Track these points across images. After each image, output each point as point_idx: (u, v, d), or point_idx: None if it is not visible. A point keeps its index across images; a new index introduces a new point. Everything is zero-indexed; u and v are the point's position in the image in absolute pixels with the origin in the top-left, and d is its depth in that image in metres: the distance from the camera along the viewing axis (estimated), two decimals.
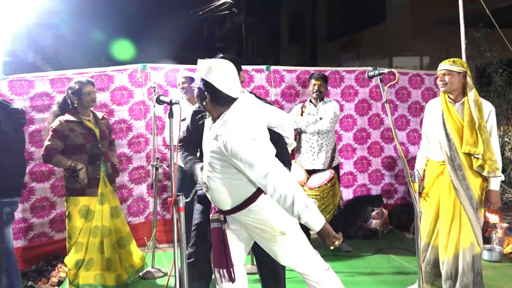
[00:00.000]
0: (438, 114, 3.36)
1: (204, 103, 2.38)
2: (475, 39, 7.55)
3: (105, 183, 3.61)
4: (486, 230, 4.80)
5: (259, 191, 2.39)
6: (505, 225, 4.80)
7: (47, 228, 4.36)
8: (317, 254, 2.56)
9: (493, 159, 3.18)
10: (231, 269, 2.47)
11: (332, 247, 2.26)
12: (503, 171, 7.03)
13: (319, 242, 2.24)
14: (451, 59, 3.28)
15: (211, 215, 2.54)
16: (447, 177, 3.30)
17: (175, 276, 2.36)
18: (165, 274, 4.05)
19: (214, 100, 2.34)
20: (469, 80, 3.22)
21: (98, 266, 3.55)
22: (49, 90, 4.30)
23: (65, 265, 4.09)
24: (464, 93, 3.26)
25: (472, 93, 3.22)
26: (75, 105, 3.57)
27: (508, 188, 6.49)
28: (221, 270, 2.47)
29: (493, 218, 4.86)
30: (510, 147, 7.38)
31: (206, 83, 2.33)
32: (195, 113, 2.81)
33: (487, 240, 4.67)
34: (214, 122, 2.40)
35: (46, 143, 3.43)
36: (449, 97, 3.31)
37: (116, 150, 4.11)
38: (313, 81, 4.47)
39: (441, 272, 3.37)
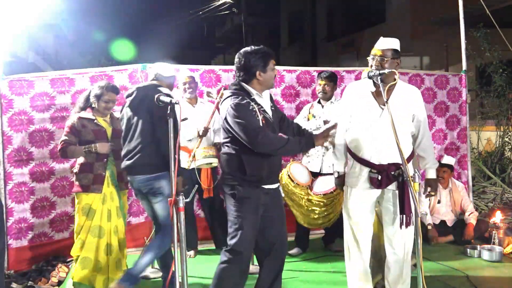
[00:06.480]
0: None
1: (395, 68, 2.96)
2: (475, 39, 7.56)
3: (108, 184, 3.61)
4: (486, 230, 4.80)
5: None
6: (505, 225, 4.80)
7: (47, 228, 4.36)
8: None
9: None
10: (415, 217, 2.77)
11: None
12: (503, 171, 7.09)
13: (320, 244, 2.24)
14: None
15: (401, 167, 2.83)
16: None
17: (175, 276, 2.36)
18: None
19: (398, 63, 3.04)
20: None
21: (92, 266, 3.54)
22: (49, 90, 4.30)
23: (66, 265, 4.11)
24: None
25: None
26: (93, 106, 3.63)
27: (508, 188, 6.49)
28: (405, 216, 2.90)
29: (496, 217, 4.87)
30: (510, 147, 7.39)
31: (396, 51, 3.05)
32: (248, 102, 2.82)
33: (487, 240, 4.67)
34: (389, 86, 2.89)
35: (62, 138, 3.54)
36: None
37: None
38: (318, 81, 4.37)
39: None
